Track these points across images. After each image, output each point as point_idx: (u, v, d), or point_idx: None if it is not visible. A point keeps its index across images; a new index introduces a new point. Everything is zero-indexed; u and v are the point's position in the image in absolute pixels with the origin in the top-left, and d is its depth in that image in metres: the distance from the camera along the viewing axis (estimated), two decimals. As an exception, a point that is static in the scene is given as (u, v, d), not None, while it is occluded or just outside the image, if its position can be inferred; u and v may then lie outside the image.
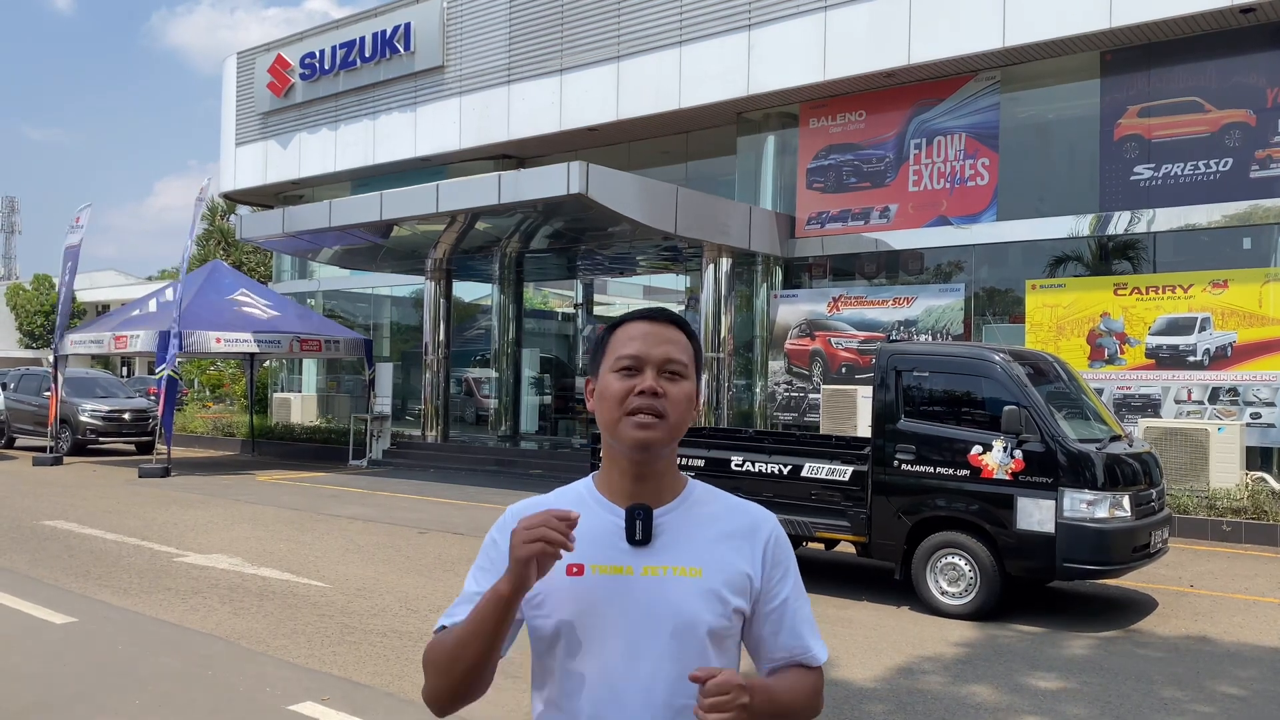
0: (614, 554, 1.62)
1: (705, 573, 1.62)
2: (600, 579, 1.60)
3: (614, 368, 1.64)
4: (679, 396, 1.63)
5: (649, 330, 1.65)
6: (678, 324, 1.69)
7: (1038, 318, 13.82)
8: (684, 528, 1.65)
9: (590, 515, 1.63)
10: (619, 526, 1.63)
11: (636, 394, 1.60)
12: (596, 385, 1.68)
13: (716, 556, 1.64)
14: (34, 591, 7.78)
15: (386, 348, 23.72)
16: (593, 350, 1.73)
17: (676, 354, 1.64)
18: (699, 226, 14.96)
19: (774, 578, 1.69)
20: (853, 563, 9.23)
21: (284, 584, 8.24)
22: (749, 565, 1.66)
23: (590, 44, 17.94)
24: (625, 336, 1.66)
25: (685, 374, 1.65)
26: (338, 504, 13.22)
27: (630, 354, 1.63)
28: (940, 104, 15.10)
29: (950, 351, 8.59)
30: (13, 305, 53.26)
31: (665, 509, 1.65)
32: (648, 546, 1.62)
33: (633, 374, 1.62)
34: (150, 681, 5.68)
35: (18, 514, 11.83)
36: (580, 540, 1.58)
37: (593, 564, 1.61)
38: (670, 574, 1.61)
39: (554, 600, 1.61)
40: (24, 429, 21.15)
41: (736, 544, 1.66)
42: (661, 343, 1.64)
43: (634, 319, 1.68)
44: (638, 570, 1.61)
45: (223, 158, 25.27)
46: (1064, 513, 7.07)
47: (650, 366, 1.62)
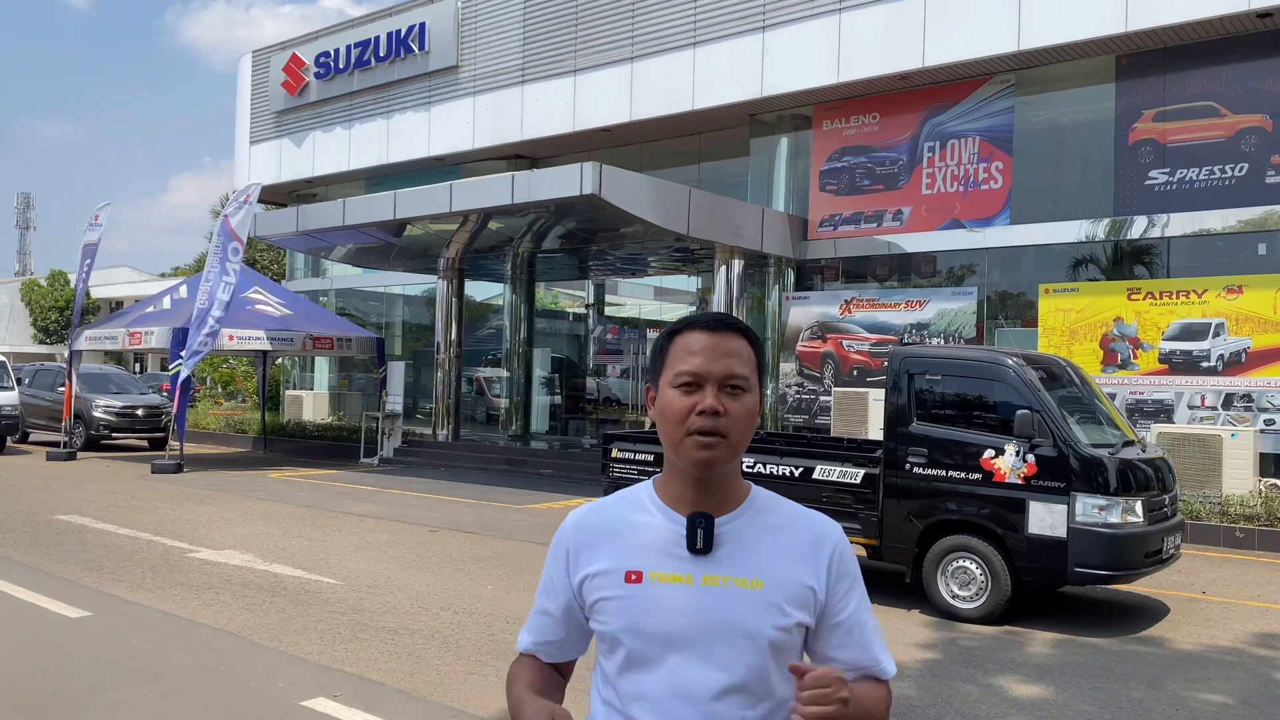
0: (674, 562, 1.59)
1: (767, 585, 1.59)
2: (659, 587, 1.58)
3: (674, 382, 1.59)
4: (741, 413, 1.59)
5: (710, 342, 1.60)
6: (740, 331, 1.64)
7: (1050, 322, 13.78)
8: (746, 537, 1.62)
9: (651, 521, 1.62)
10: (680, 534, 1.60)
11: (698, 413, 1.56)
12: (657, 397, 1.64)
13: (779, 568, 1.60)
14: (48, 585, 7.83)
15: (398, 346, 23.79)
16: (652, 357, 1.69)
17: (738, 368, 1.59)
18: (711, 228, 14.96)
19: (839, 591, 1.66)
20: (863, 566, 9.19)
21: (296, 580, 8.28)
22: (812, 578, 1.63)
23: (604, 45, 17.96)
24: (685, 349, 1.61)
25: (747, 387, 1.60)
26: (349, 501, 13.27)
27: (691, 370, 1.58)
28: (954, 107, 15.08)
29: (963, 355, 8.57)
30: (28, 301, 53.54)
31: (727, 518, 1.62)
32: (708, 556, 1.59)
33: (693, 390, 1.58)
34: (163, 675, 5.72)
35: (32, 508, 11.91)
36: (640, 546, 1.60)
37: (652, 571, 1.59)
38: (731, 585, 1.58)
39: (612, 607, 1.60)
40: (38, 424, 21.28)
41: (800, 555, 1.63)
42: (722, 356, 1.59)
43: (695, 327, 1.63)
44: (697, 579, 1.58)
45: (237, 156, 25.38)
46: (1076, 517, 7.05)
47: (711, 383, 1.58)
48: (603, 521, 1.67)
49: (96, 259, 19.66)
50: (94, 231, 19.45)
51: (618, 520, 1.66)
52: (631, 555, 1.61)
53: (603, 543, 1.64)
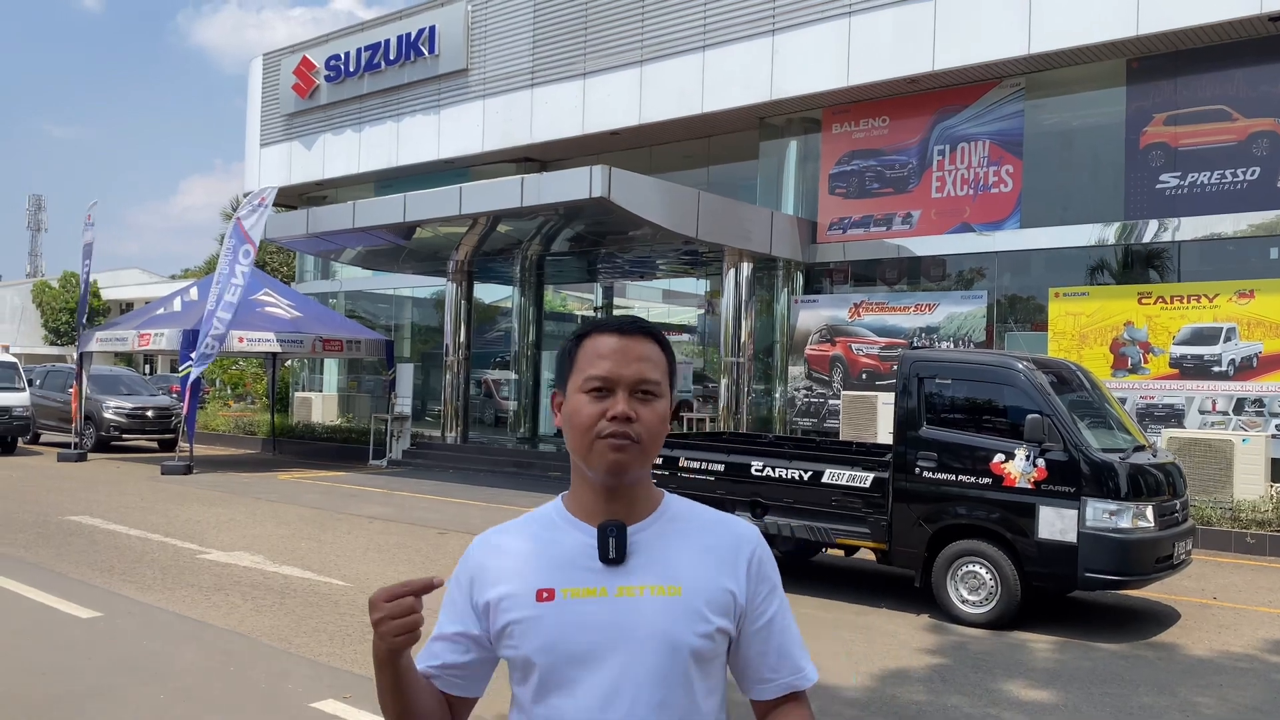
0: (586, 575, 1.52)
1: (685, 591, 1.53)
2: (572, 604, 1.51)
3: (583, 388, 1.53)
4: (652, 419, 1.53)
5: (620, 346, 1.54)
6: (650, 335, 1.58)
7: (1060, 326, 13.74)
8: (661, 544, 1.56)
9: (560, 537, 1.56)
10: (591, 546, 1.53)
11: (608, 419, 1.51)
12: (565, 403, 1.57)
13: (697, 573, 1.55)
14: (59, 586, 7.86)
15: (407, 348, 23.84)
16: (559, 361, 1.62)
17: (649, 372, 1.54)
18: (720, 231, 14.96)
19: (759, 594, 1.60)
20: (872, 570, 9.20)
21: (305, 582, 8.29)
22: (732, 582, 1.57)
23: (614, 48, 17.98)
24: (594, 352, 1.55)
25: (659, 392, 1.55)
26: (358, 503, 13.30)
27: (600, 375, 1.52)
28: (964, 110, 15.05)
29: (973, 359, 8.56)
30: (39, 302, 53.80)
31: (640, 525, 1.56)
32: (622, 566, 1.52)
33: (603, 395, 1.52)
34: (174, 676, 5.73)
35: (43, 509, 11.96)
36: (550, 563, 1.53)
37: (564, 588, 1.52)
38: (648, 594, 1.52)
39: (523, 629, 1.52)
40: (49, 425, 21.37)
41: (718, 560, 1.57)
42: (633, 360, 1.53)
43: (603, 330, 1.57)
44: (612, 591, 1.51)
45: (247, 158, 25.47)
46: (1086, 522, 7.02)
47: (622, 388, 1.52)
48: (509, 542, 1.60)
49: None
50: (89, 231, 19.61)
51: (525, 539, 1.59)
52: (541, 573, 1.54)
53: (510, 563, 1.57)
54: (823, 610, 7.80)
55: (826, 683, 5.86)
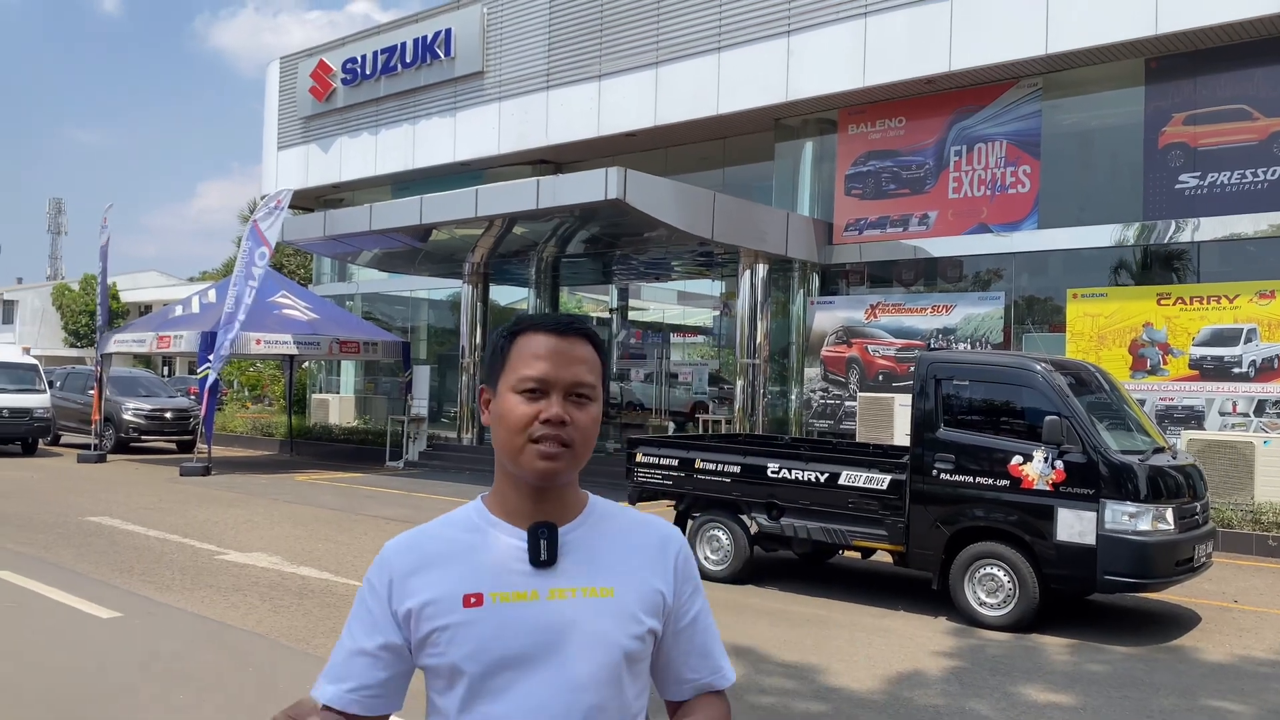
0: (516, 579, 1.47)
1: (618, 592, 1.50)
2: (503, 608, 1.46)
3: (516, 387, 1.48)
4: (586, 423, 1.50)
5: (556, 347, 1.50)
6: (586, 336, 1.54)
7: (1079, 327, 13.66)
8: (591, 545, 1.52)
9: (486, 539, 1.51)
10: (520, 549, 1.49)
11: (542, 421, 1.47)
12: (494, 401, 1.52)
13: (628, 574, 1.52)
14: (80, 586, 7.92)
15: (423, 350, 23.92)
16: (489, 356, 1.57)
17: (585, 375, 1.50)
18: (736, 232, 14.95)
19: (685, 593, 1.58)
20: (889, 572, 9.17)
21: (323, 583, 8.33)
22: (661, 582, 1.55)
23: (629, 50, 18.00)
24: (529, 352, 1.50)
25: (593, 396, 1.51)
26: (375, 504, 13.35)
27: (536, 376, 1.48)
28: (981, 110, 14.99)
29: (991, 360, 8.52)
30: (59, 305, 54.23)
31: (570, 526, 1.52)
32: (553, 568, 1.49)
33: (537, 397, 1.48)
34: (193, 676, 5.77)
35: (64, 510, 12.05)
36: (476, 567, 1.48)
37: (493, 592, 1.46)
38: (580, 596, 1.48)
39: (450, 636, 1.46)
40: (69, 426, 21.53)
41: (647, 560, 1.55)
42: (570, 363, 1.49)
43: (539, 329, 1.52)
44: (544, 594, 1.47)
45: (265, 161, 25.61)
46: (1105, 525, 6.98)
47: (557, 391, 1.48)
48: (430, 545, 1.53)
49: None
50: (105, 234, 19.78)
51: (447, 542, 1.53)
52: (467, 578, 1.48)
53: (431, 568, 1.50)
54: (839, 613, 7.78)
55: (843, 685, 5.84)
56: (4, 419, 19.45)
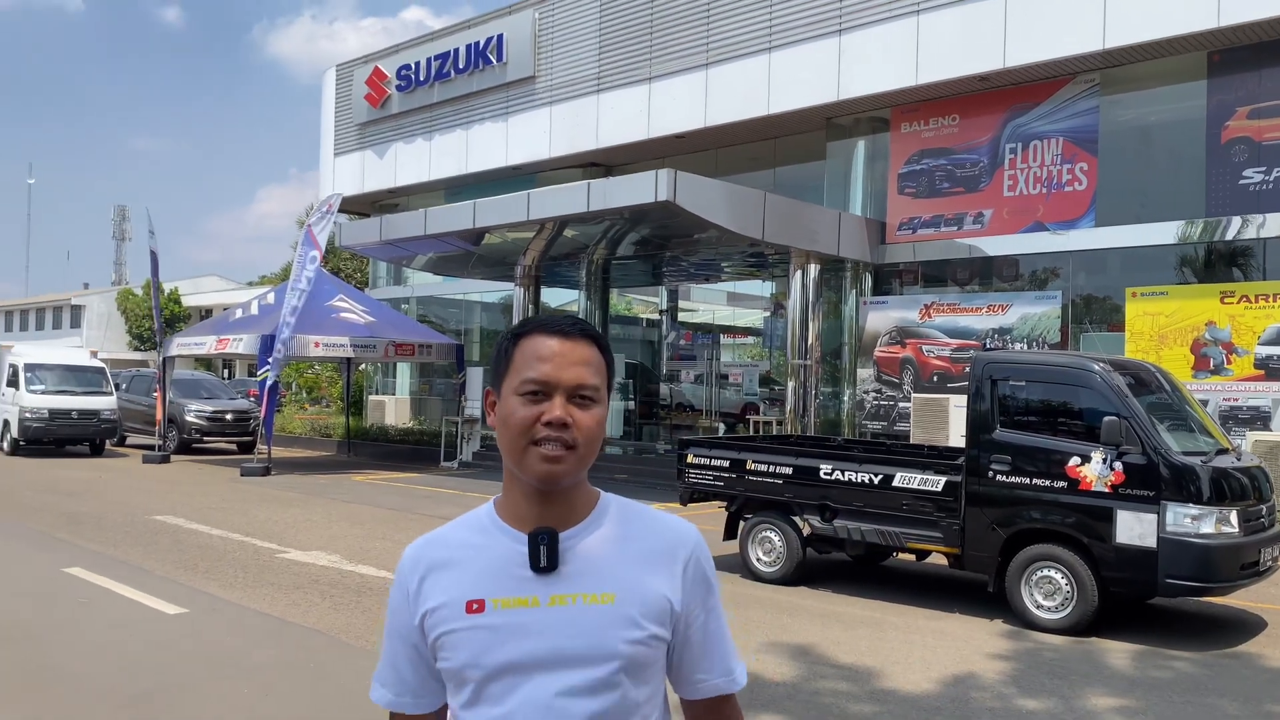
0: (517, 585, 1.48)
1: (619, 598, 1.48)
2: (503, 614, 1.46)
3: (519, 389, 1.48)
4: (590, 425, 1.48)
5: (560, 349, 1.49)
6: (591, 337, 1.53)
7: (1138, 326, 13.41)
8: (594, 550, 1.51)
9: (491, 544, 1.51)
10: (522, 554, 1.48)
11: (544, 423, 1.46)
12: (499, 403, 1.52)
13: (631, 580, 1.50)
14: (147, 583, 8.15)
15: (476, 352, 24.15)
16: (495, 359, 1.56)
17: (589, 377, 1.49)
18: (787, 232, 14.90)
19: (696, 598, 1.55)
20: (944, 575, 9.09)
21: (381, 581, 8.47)
22: (668, 588, 1.52)
23: (679, 52, 18.03)
24: (533, 354, 1.49)
25: (597, 398, 1.50)
26: (431, 504, 13.52)
27: (538, 377, 1.47)
28: (1036, 107, 14.79)
29: (1048, 360, 8.41)
30: (123, 309, 55.64)
31: (573, 531, 1.51)
32: (554, 574, 1.48)
33: (539, 399, 1.47)
34: (256, 671, 5.91)
35: (131, 509, 12.39)
36: (480, 572, 1.49)
37: (494, 598, 1.47)
38: (581, 602, 1.47)
39: (455, 641, 1.48)
40: (135, 428, 22.11)
41: (654, 564, 1.52)
42: (573, 364, 1.48)
43: (543, 331, 1.51)
44: (544, 600, 1.47)
45: (322, 168, 26.07)
46: (1167, 527, 6.86)
47: (560, 392, 1.47)
48: (441, 551, 1.54)
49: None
50: (153, 240, 20.31)
51: (457, 547, 1.54)
52: (471, 583, 1.49)
53: (441, 573, 1.51)
54: (894, 615, 7.73)
55: (898, 687, 5.82)
56: (73, 420, 20.04)
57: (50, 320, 61.48)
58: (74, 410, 20.05)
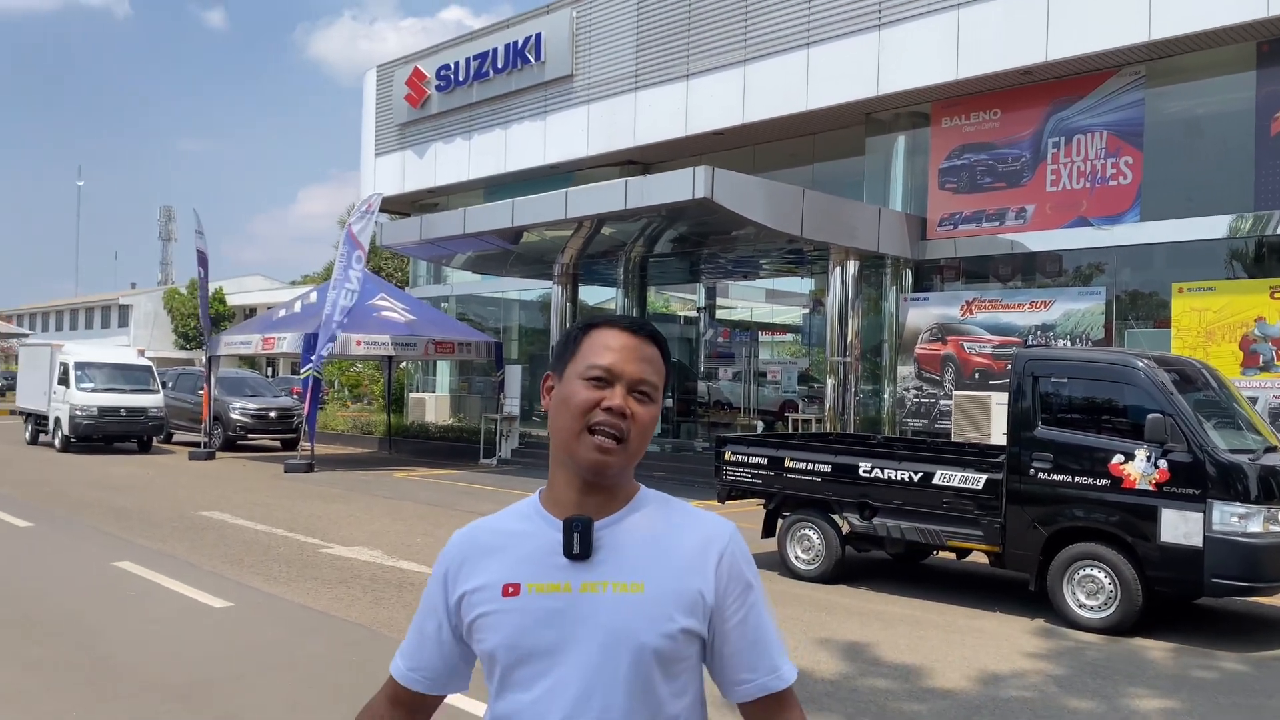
0: (552, 571, 1.50)
1: (648, 588, 1.49)
2: (536, 599, 1.49)
3: (584, 374, 1.52)
4: (645, 420, 1.53)
5: (628, 343, 1.54)
6: (656, 341, 1.58)
7: (1185, 322, 13.19)
8: (628, 540, 1.53)
9: (531, 530, 1.55)
10: (560, 541, 1.51)
11: (603, 408, 1.50)
12: (558, 386, 1.57)
13: (662, 571, 1.51)
14: (194, 577, 8.30)
15: (515, 350, 24.30)
16: (560, 346, 1.61)
17: (650, 374, 1.54)
18: (826, 229, 14.83)
19: (732, 593, 1.55)
20: (984, 573, 9.01)
21: (422, 576, 8.56)
22: (700, 581, 1.52)
23: (717, 48, 18.00)
24: (601, 344, 1.54)
25: (654, 396, 1.55)
26: (471, 501, 13.64)
27: (604, 365, 1.52)
28: (1080, 101, 14.58)
29: (1091, 357, 8.31)
30: (169, 308, 56.65)
31: (609, 520, 1.53)
32: (588, 562, 1.50)
33: (602, 386, 1.51)
34: (300, 664, 6.01)
35: (178, 505, 12.62)
36: (519, 558, 1.52)
37: (529, 583, 1.50)
38: (610, 591, 1.49)
39: (489, 623, 1.51)
40: (181, 425, 22.51)
41: (687, 558, 1.53)
42: (638, 359, 1.53)
43: (614, 326, 1.57)
44: (576, 587, 1.49)
45: (363, 168, 26.33)
46: (1213, 526, 6.76)
47: (622, 383, 1.51)
48: (485, 535, 1.59)
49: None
50: (200, 239, 20.57)
51: (500, 533, 1.58)
52: (510, 568, 1.52)
53: (483, 557, 1.55)
54: (934, 613, 7.68)
55: (939, 686, 5.79)
56: (121, 418, 20.44)
57: (99, 319, 62.75)
58: (122, 408, 20.44)
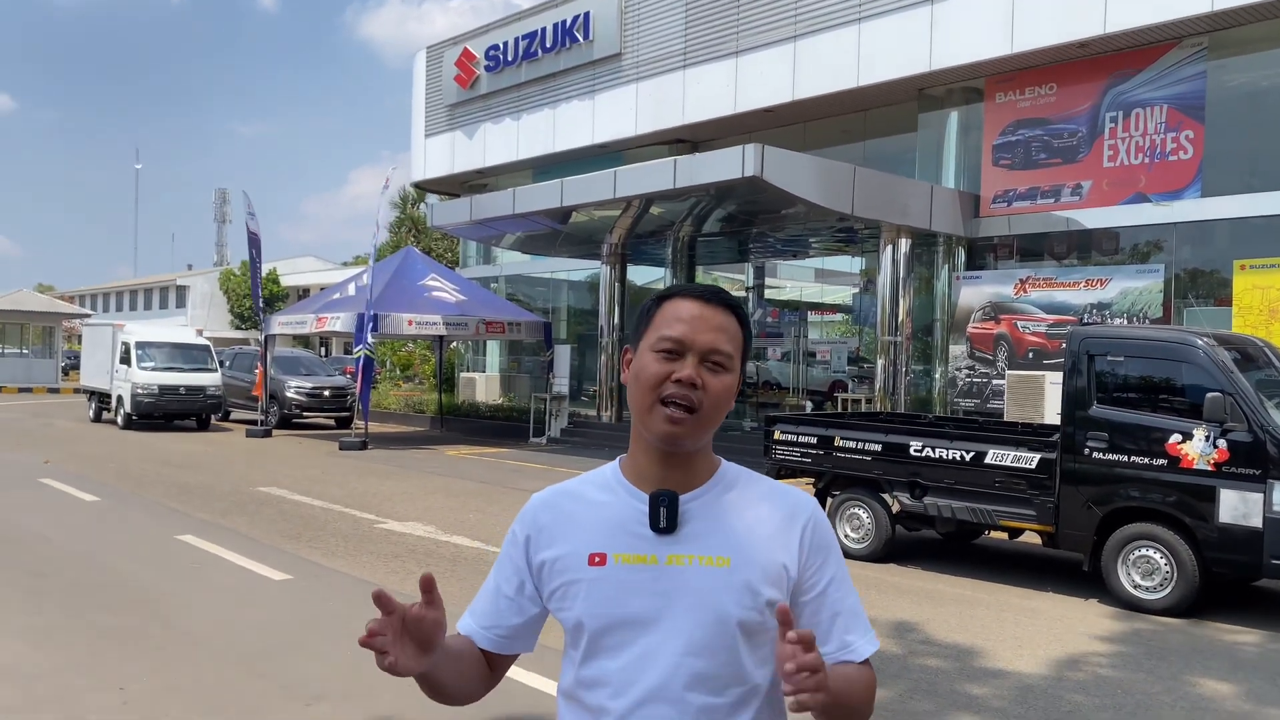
0: (638, 542, 1.52)
1: (734, 562, 1.51)
2: (623, 569, 1.51)
3: (655, 347, 1.53)
4: (718, 390, 1.52)
5: (699, 312, 1.53)
6: (731, 307, 1.57)
7: (1246, 300, 12.90)
8: (713, 514, 1.55)
9: (614, 500, 1.57)
10: (643, 513, 1.53)
11: (673, 381, 1.50)
12: (634, 360, 1.57)
13: (747, 544, 1.52)
14: (254, 550, 8.52)
15: (564, 330, 24.43)
16: (636, 319, 1.61)
17: (723, 343, 1.53)
18: (877, 207, 14.70)
19: (812, 565, 1.55)
20: (1036, 553, 8.95)
21: (475, 552, 8.70)
22: (784, 553, 1.53)
23: (766, 25, 17.86)
24: (672, 314, 1.54)
25: (729, 365, 1.53)
26: (521, 479, 13.79)
27: (674, 336, 1.52)
28: (1139, 74, 14.26)
29: (1147, 335, 8.18)
30: (225, 289, 57.67)
31: (693, 494, 1.55)
32: (673, 535, 1.52)
33: (673, 358, 1.51)
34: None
35: (237, 480, 12.92)
36: (603, 527, 1.54)
37: (616, 553, 1.52)
38: (696, 563, 1.50)
39: (575, 591, 1.53)
40: (238, 403, 22.97)
41: (771, 530, 1.54)
42: (709, 329, 1.53)
43: (686, 295, 1.56)
44: (662, 559, 1.51)
45: (413, 149, 26.56)
46: (1273, 507, 6.64)
47: (693, 353, 1.51)
48: (566, 502, 1.60)
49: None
50: (253, 221, 20.90)
51: (582, 501, 1.59)
52: (595, 537, 1.54)
53: (565, 524, 1.57)
54: (986, 593, 7.65)
55: (992, 665, 5.77)
56: (181, 396, 20.91)
57: (157, 300, 64.11)
58: (182, 386, 20.91)
